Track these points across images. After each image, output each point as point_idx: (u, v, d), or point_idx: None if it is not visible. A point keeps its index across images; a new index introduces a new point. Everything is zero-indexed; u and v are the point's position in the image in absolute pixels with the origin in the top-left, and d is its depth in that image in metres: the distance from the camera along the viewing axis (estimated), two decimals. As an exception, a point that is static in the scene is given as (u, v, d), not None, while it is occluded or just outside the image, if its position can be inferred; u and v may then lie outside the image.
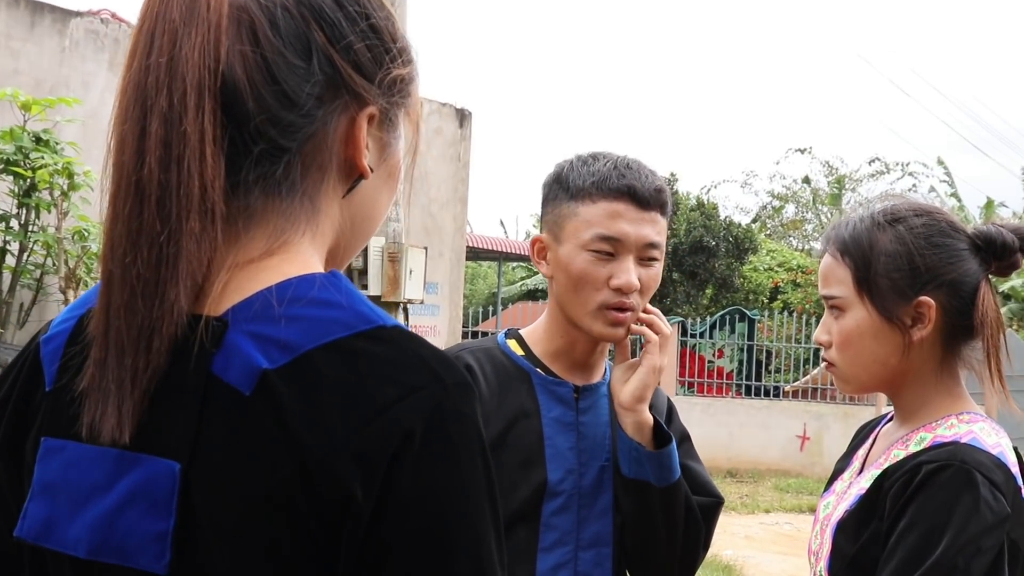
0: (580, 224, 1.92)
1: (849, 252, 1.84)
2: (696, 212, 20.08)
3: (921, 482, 1.65)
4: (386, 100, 1.05)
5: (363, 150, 1.03)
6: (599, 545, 1.96)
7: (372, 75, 1.03)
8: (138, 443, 0.92)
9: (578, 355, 2.01)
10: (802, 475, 14.44)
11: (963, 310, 1.79)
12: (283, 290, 0.95)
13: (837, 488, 1.91)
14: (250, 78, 0.95)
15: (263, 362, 0.90)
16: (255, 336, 0.92)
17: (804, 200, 31.89)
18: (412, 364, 0.92)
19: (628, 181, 1.91)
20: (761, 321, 17.17)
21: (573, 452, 1.96)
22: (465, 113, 12.00)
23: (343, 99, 1.01)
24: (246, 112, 0.95)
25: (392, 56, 1.05)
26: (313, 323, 0.93)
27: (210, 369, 0.92)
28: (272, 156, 0.98)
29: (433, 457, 0.89)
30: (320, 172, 1.02)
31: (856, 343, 1.83)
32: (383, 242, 6.86)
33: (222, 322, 0.93)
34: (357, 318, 0.94)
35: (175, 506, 0.90)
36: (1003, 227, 1.84)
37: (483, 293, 27.53)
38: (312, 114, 0.99)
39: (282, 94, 0.97)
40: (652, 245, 1.93)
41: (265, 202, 0.99)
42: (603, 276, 1.90)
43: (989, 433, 1.74)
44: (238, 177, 0.97)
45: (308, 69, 0.98)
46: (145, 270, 0.92)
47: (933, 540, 1.60)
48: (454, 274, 12.06)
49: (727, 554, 9.39)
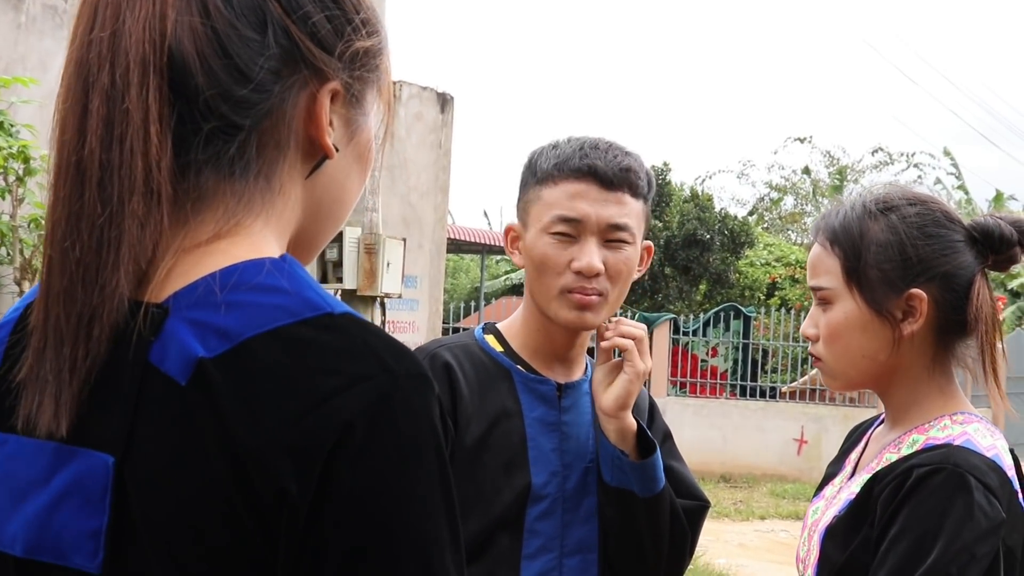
0: (542, 208, 1.93)
1: (839, 241, 1.84)
2: (690, 204, 20.11)
3: (913, 487, 1.65)
4: (349, 75, 1.03)
5: (325, 128, 1.01)
6: (584, 551, 1.96)
7: (332, 48, 1.01)
8: (75, 436, 0.92)
9: (557, 348, 2.01)
10: (799, 480, 14.50)
11: (957, 304, 1.79)
12: (227, 275, 0.94)
13: (827, 493, 1.91)
14: (199, 52, 0.94)
15: (200, 350, 0.89)
16: (194, 323, 0.91)
17: (804, 192, 31.97)
18: (358, 353, 0.91)
19: (590, 161, 1.91)
20: (757, 318, 17.20)
21: (556, 454, 1.95)
22: (447, 98, 11.98)
23: (302, 74, 0.99)
24: (195, 87, 0.94)
25: (354, 27, 1.03)
26: (255, 310, 0.91)
27: (147, 358, 0.91)
28: (225, 134, 0.96)
29: (377, 452, 0.88)
30: (279, 151, 1.00)
31: (844, 337, 1.82)
32: (359, 233, 6.84)
33: (162, 309, 0.92)
34: (303, 305, 0.93)
35: (108, 503, 0.90)
36: (1001, 219, 1.83)
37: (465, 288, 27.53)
38: (267, 89, 0.97)
39: (234, 68, 0.95)
40: (617, 227, 1.92)
41: (217, 183, 0.98)
42: (564, 260, 1.91)
43: (984, 434, 1.74)
44: (188, 157, 0.96)
45: (262, 42, 0.96)
46: (85, 255, 0.92)
47: (925, 547, 1.60)
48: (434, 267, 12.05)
49: (720, 562, 9.42)
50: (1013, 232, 1.81)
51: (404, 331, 10.99)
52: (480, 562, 1.88)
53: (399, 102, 11.41)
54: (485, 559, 1.89)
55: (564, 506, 1.94)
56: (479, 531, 1.87)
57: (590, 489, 1.97)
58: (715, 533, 11.01)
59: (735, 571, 9.24)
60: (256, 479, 0.86)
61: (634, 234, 1.95)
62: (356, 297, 6.75)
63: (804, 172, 31.85)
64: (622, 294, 1.98)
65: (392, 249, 6.93)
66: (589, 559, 1.96)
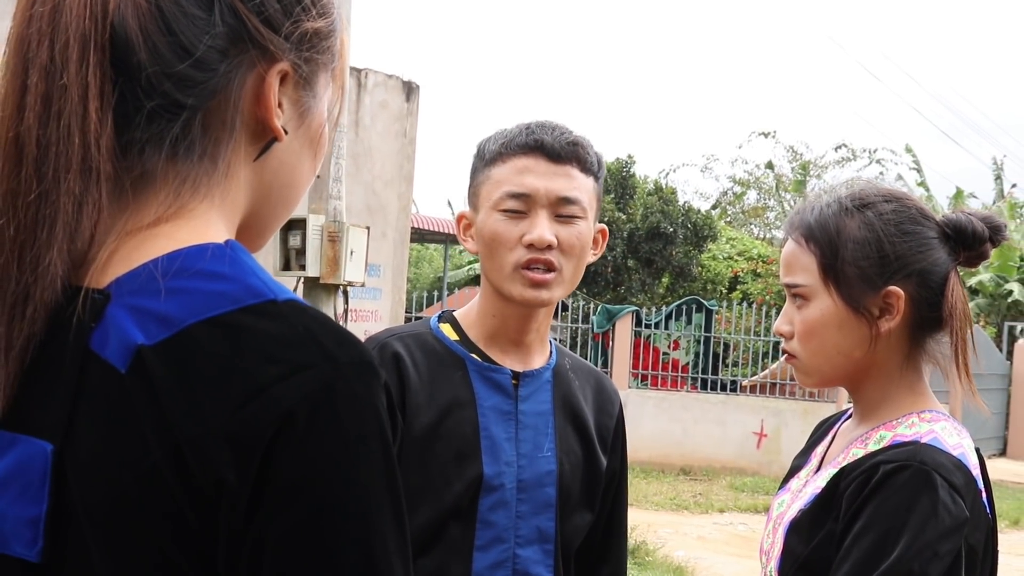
0: (491, 186, 1.94)
1: (815, 238, 1.83)
2: (653, 197, 20.17)
3: (878, 483, 1.66)
4: (299, 56, 1.01)
5: (273, 109, 1.00)
6: (541, 541, 1.95)
7: (280, 27, 0.99)
8: (15, 422, 0.91)
9: (513, 333, 1.99)
10: (759, 474, 14.59)
11: (932, 301, 1.80)
12: (170, 261, 0.92)
13: (793, 486, 1.91)
14: (143, 28, 0.93)
15: (140, 337, 0.89)
16: (135, 310, 0.90)
17: (767, 186, 32.16)
18: (300, 340, 0.90)
19: (536, 136, 1.93)
20: (719, 312, 17.27)
21: (511, 443, 1.94)
22: (412, 86, 11.94)
23: (249, 53, 0.98)
24: (137, 64, 0.93)
25: (304, 7, 1.01)
26: (196, 296, 0.90)
27: (88, 345, 0.90)
28: (168, 113, 0.95)
29: (318, 441, 0.87)
30: (226, 132, 0.99)
31: (820, 334, 1.82)
32: (322, 220, 6.80)
33: (104, 295, 0.91)
34: (245, 291, 0.92)
35: (47, 490, 0.89)
36: (973, 215, 1.84)
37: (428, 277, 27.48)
38: (212, 68, 0.96)
39: (178, 45, 0.94)
40: (568, 200, 1.92)
41: (161, 163, 0.97)
42: (516, 235, 1.91)
43: (951, 433, 1.75)
44: (130, 135, 0.95)
45: (208, 19, 0.95)
46: (20, 232, 0.91)
47: (889, 543, 1.61)
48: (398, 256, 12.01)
49: (679, 555, 9.46)
50: (984, 228, 1.82)
51: (367, 320, 10.95)
52: (431, 553, 1.87)
53: (364, 90, 11.37)
54: (436, 550, 1.88)
55: (519, 496, 1.93)
56: (430, 521, 1.87)
57: (547, 480, 1.96)
58: (674, 526, 11.06)
59: (694, 564, 9.28)
60: (195, 469, 0.86)
61: (585, 209, 1.95)
62: (319, 285, 6.72)
63: (768, 167, 32.04)
64: (577, 271, 1.97)
65: (355, 237, 6.90)
66: (546, 549, 1.95)
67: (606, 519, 2.10)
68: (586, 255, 1.98)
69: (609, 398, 2.12)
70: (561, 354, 2.08)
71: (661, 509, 12.09)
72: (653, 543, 9.42)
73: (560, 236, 1.91)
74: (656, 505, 12.34)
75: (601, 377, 2.16)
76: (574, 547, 2.02)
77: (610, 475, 2.08)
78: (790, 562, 1.77)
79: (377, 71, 11.54)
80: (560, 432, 1.99)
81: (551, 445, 1.97)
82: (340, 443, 0.88)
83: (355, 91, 10.98)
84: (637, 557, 8.84)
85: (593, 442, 2.04)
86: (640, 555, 8.92)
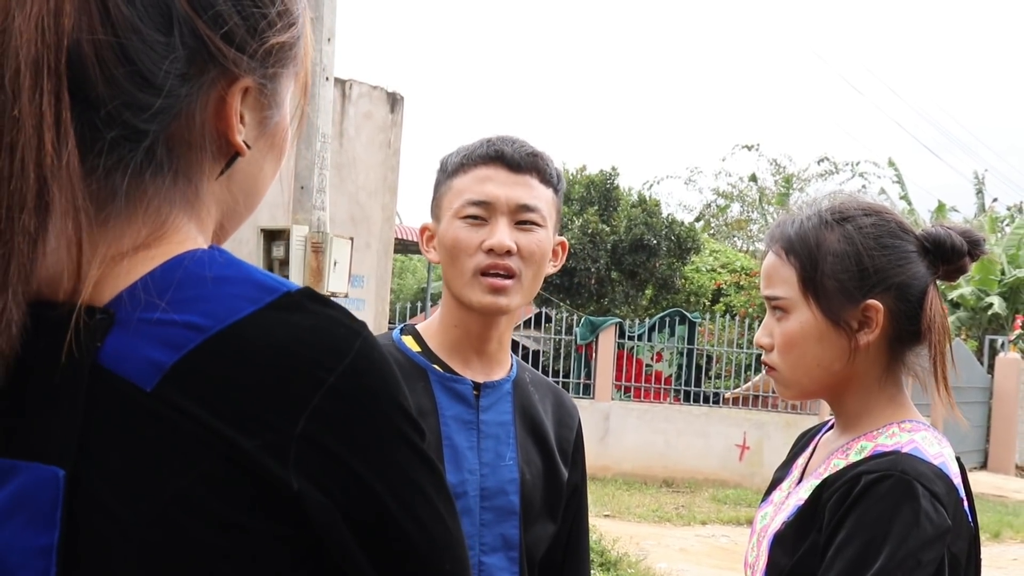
0: (453, 195, 1.97)
1: (795, 251, 1.84)
2: (637, 209, 20.20)
3: (860, 493, 1.66)
4: (263, 72, 0.98)
5: (235, 127, 0.97)
6: (506, 549, 1.96)
7: (245, 46, 0.95)
8: (15, 450, 0.87)
9: (474, 342, 2.01)
10: (741, 486, 14.60)
11: (910, 314, 1.81)
12: (172, 271, 0.90)
13: (775, 498, 1.92)
14: (99, 57, 0.88)
15: (165, 352, 0.86)
16: (151, 323, 0.87)
17: (750, 199, 32.26)
18: (329, 327, 0.90)
19: (497, 147, 1.97)
20: (702, 324, 17.29)
21: (474, 452, 1.95)
22: (397, 97, 11.95)
23: (211, 73, 0.94)
24: (96, 97, 0.88)
25: (270, 22, 0.97)
26: (214, 302, 0.88)
27: (99, 365, 0.86)
28: (130, 140, 0.91)
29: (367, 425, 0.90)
30: (193, 152, 0.96)
31: (799, 346, 1.83)
32: (306, 231, 6.80)
33: (107, 313, 0.88)
34: (258, 289, 0.90)
35: (59, 517, 0.85)
36: (952, 229, 1.85)
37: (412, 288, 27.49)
38: (174, 93, 0.92)
39: (137, 74, 0.89)
40: (527, 207, 1.95)
41: (133, 187, 0.93)
42: (476, 241, 1.94)
43: (931, 443, 1.75)
44: (93, 162, 0.90)
45: (168, 43, 0.91)
46: None
47: (871, 553, 1.61)
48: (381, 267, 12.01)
49: (661, 567, 9.46)
50: (963, 242, 1.83)
51: (349, 331, 10.92)
52: None
53: (349, 101, 11.37)
54: None
55: (482, 505, 1.94)
56: None
57: (510, 487, 1.97)
58: (656, 538, 11.06)
59: (675, 575, 9.28)
60: (254, 477, 0.85)
61: (544, 218, 1.98)
62: (302, 296, 6.71)
63: (751, 179, 32.14)
64: (536, 279, 1.99)
65: (339, 248, 6.89)
66: (511, 556, 1.96)
67: (567, 534, 2.12)
68: (545, 264, 2.01)
69: (568, 412, 2.14)
70: (521, 368, 2.10)
71: (643, 521, 12.09)
72: (635, 555, 9.41)
73: (520, 243, 1.94)
74: (638, 517, 12.34)
75: (560, 392, 2.18)
76: (538, 556, 2.03)
77: (571, 489, 2.10)
78: (775, 574, 1.78)
79: (362, 82, 11.55)
80: (521, 442, 2.01)
81: (512, 454, 1.99)
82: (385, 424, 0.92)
83: (340, 102, 10.98)
84: (619, 569, 8.83)
85: (553, 453, 2.06)
86: (622, 567, 8.91)
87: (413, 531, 0.92)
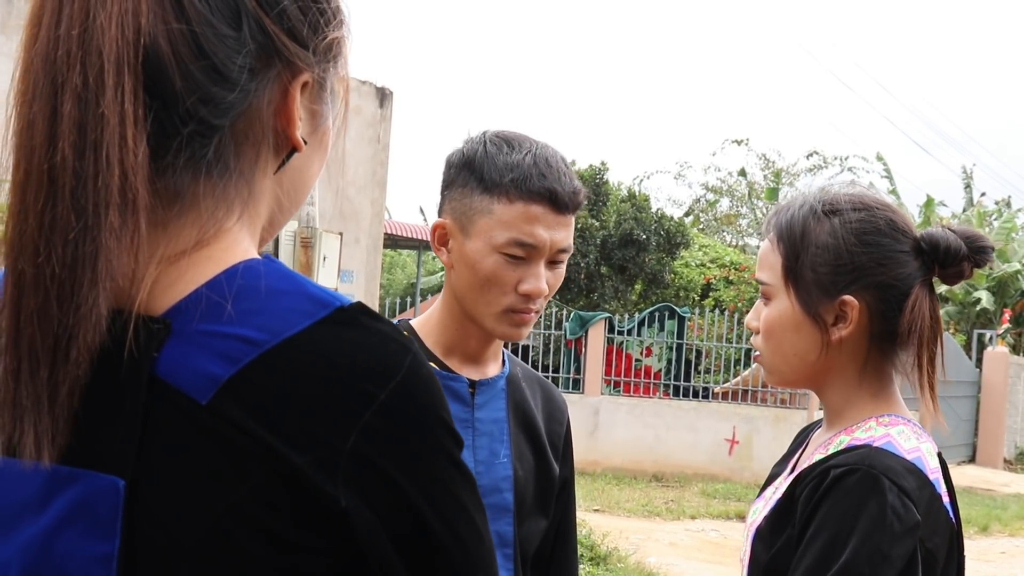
0: (495, 224, 1.87)
1: (783, 239, 1.85)
2: (627, 204, 20.19)
3: (828, 487, 1.66)
4: (321, 67, 1.00)
5: (296, 122, 0.99)
6: (501, 546, 1.96)
7: (307, 41, 0.97)
8: (73, 458, 0.88)
9: (472, 349, 2.00)
10: (730, 480, 14.63)
11: (891, 315, 1.79)
12: (229, 282, 0.91)
13: (767, 494, 1.92)
14: (176, 52, 0.89)
15: (221, 365, 0.87)
16: (208, 335, 0.88)
17: (739, 194, 32.27)
18: (382, 344, 0.91)
19: (549, 184, 1.86)
20: (692, 319, 17.31)
21: (469, 451, 1.95)
22: (386, 92, 11.94)
23: (276, 68, 0.96)
24: (173, 91, 0.90)
25: (327, 18, 1.00)
26: (270, 316, 0.89)
27: (155, 375, 0.87)
28: (202, 136, 0.93)
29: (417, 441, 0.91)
30: (254, 149, 0.98)
31: (777, 334, 1.84)
32: (295, 226, 6.79)
33: (164, 323, 0.89)
34: (313, 303, 0.91)
35: (120, 526, 0.86)
36: (953, 231, 1.82)
37: (401, 283, 27.46)
38: (245, 88, 0.93)
39: (212, 68, 0.91)
40: (563, 250, 1.92)
41: (196, 186, 0.94)
42: (512, 280, 1.89)
43: (908, 437, 1.74)
44: (165, 161, 0.92)
45: (238, 38, 0.93)
46: (60, 270, 0.85)
47: (837, 548, 1.61)
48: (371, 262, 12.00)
49: (651, 561, 9.48)
50: (962, 246, 1.80)
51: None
52: None
53: (338, 95, 11.35)
54: None
55: None
56: None
57: (504, 485, 1.97)
58: (646, 532, 11.08)
59: (665, 570, 9.30)
60: (302, 492, 0.86)
61: (571, 248, 1.96)
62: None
63: (740, 174, 32.14)
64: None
65: (328, 243, 6.90)
66: (505, 554, 1.96)
67: (557, 527, 2.13)
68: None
69: (559, 407, 2.14)
70: (513, 363, 2.10)
71: (633, 515, 12.11)
72: (625, 549, 9.43)
73: (548, 281, 1.92)
74: (628, 511, 12.36)
75: (549, 386, 2.18)
76: (531, 552, 2.04)
77: (561, 482, 2.11)
78: (756, 569, 1.79)
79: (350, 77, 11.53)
80: (514, 439, 2.01)
81: (507, 452, 1.99)
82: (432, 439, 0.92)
83: (328, 96, 10.97)
84: (609, 564, 8.85)
85: (545, 449, 2.06)
86: (612, 561, 8.93)
87: (453, 547, 0.94)
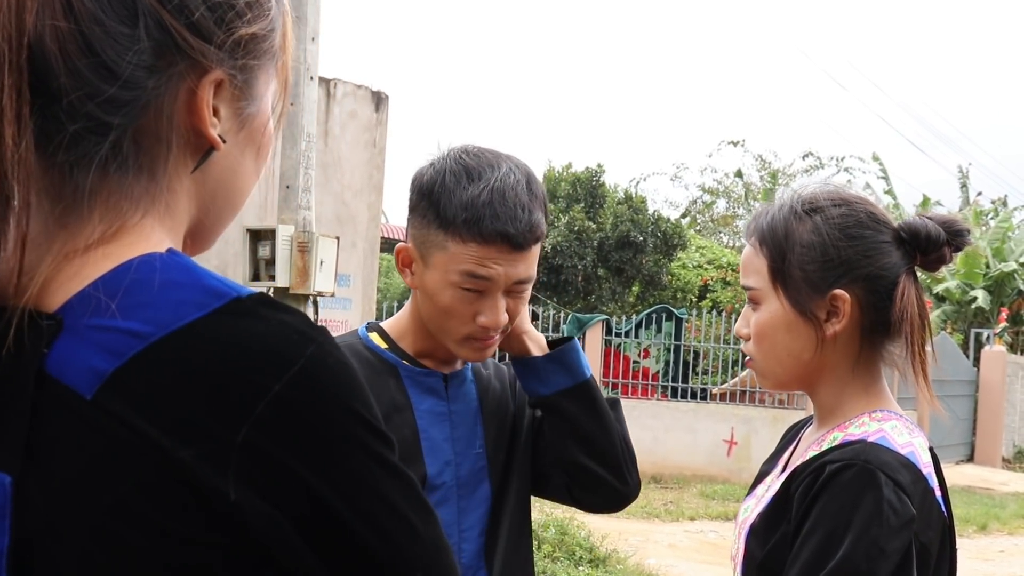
0: (449, 259, 1.89)
1: (766, 242, 1.86)
2: (623, 206, 20.21)
3: (824, 483, 1.67)
4: (234, 64, 0.98)
5: (208, 120, 0.97)
6: (480, 536, 2.01)
7: (212, 37, 0.95)
8: None
9: (442, 354, 2.04)
10: (729, 481, 14.63)
11: (881, 305, 1.81)
12: (120, 277, 0.89)
13: (758, 492, 1.93)
14: (63, 49, 0.88)
15: (106, 359, 0.85)
16: (95, 330, 0.87)
17: (736, 195, 32.30)
18: (281, 333, 0.89)
19: (502, 226, 1.85)
20: (689, 320, 17.32)
21: (448, 443, 2.00)
22: (382, 96, 11.94)
23: (179, 65, 0.94)
24: (58, 88, 0.88)
25: (238, 12, 0.97)
26: (159, 308, 0.87)
27: (44, 371, 0.86)
28: (95, 134, 0.91)
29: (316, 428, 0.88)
30: (162, 146, 0.96)
31: (770, 336, 1.85)
32: (292, 231, 6.79)
33: (55, 319, 0.88)
34: (207, 294, 0.89)
35: (8, 523, 0.85)
36: (930, 219, 1.85)
37: (398, 287, 27.44)
38: (140, 85, 0.92)
39: (101, 66, 0.90)
40: (522, 281, 1.93)
41: (93, 183, 0.93)
42: (470, 312, 1.91)
43: (901, 432, 1.76)
44: (56, 158, 0.91)
45: (133, 34, 0.91)
46: None
47: (834, 543, 1.62)
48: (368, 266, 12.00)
49: (650, 563, 9.48)
50: (941, 232, 1.82)
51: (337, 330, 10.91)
52: None
53: (333, 100, 11.35)
54: None
55: (459, 493, 1.99)
56: None
57: (482, 475, 2.02)
58: (645, 533, 11.08)
59: (665, 571, 9.30)
60: (189, 486, 0.84)
61: (534, 277, 1.97)
62: (289, 295, 6.70)
63: (737, 175, 32.18)
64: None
65: (325, 247, 6.89)
66: (481, 543, 2.01)
67: None
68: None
69: (501, 369, 2.18)
70: None
71: (632, 517, 12.11)
72: (624, 551, 9.43)
73: (509, 308, 1.94)
74: (627, 513, 12.35)
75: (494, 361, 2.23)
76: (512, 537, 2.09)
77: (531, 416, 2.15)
78: (751, 566, 1.79)
79: (346, 81, 11.54)
80: (486, 425, 2.06)
81: (481, 441, 2.04)
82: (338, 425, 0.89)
83: (324, 101, 10.97)
84: (608, 565, 8.85)
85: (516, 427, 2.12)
86: (611, 563, 8.93)
87: (373, 540, 0.90)
